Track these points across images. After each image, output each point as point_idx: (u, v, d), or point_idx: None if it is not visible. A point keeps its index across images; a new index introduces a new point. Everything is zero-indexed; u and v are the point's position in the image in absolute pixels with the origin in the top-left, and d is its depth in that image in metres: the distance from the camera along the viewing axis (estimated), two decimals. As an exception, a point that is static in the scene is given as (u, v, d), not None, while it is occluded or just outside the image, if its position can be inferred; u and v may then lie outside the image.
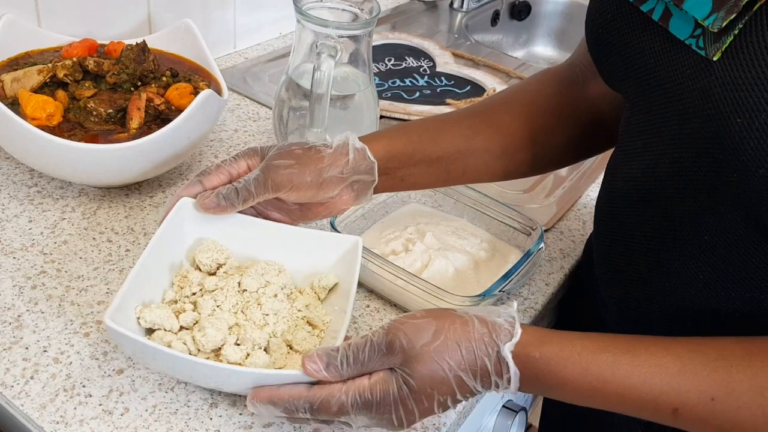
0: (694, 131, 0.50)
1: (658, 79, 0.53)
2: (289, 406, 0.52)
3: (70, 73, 0.76)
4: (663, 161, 0.55)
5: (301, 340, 0.59)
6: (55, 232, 0.73)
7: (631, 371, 0.49)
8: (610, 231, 0.64)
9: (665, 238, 0.57)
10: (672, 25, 0.50)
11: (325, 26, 0.76)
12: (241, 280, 0.62)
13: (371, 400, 0.51)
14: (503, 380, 0.51)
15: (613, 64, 0.59)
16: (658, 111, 0.54)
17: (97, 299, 0.66)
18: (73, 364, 0.60)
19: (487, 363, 0.50)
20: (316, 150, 0.64)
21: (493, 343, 0.51)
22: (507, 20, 1.57)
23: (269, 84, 1.05)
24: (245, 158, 0.65)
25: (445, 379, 0.50)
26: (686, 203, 0.54)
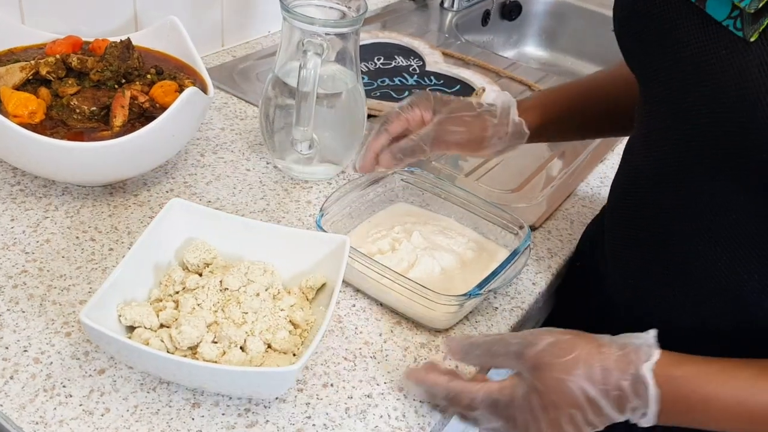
0: (727, 110, 0.50)
1: (693, 59, 0.53)
2: (430, 391, 0.58)
3: (53, 71, 0.76)
4: (694, 139, 0.54)
5: (280, 339, 0.59)
6: (37, 231, 0.72)
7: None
8: (631, 213, 0.64)
9: (691, 219, 0.57)
10: (709, 7, 0.51)
11: (312, 24, 0.75)
12: (223, 279, 0.61)
13: (498, 401, 0.54)
14: (642, 401, 0.50)
15: (643, 44, 0.59)
16: (690, 90, 0.54)
17: (79, 298, 0.65)
18: (53, 363, 0.59)
19: (623, 383, 0.50)
20: (482, 119, 0.73)
21: (630, 364, 0.51)
22: (497, 20, 1.56)
23: (257, 82, 1.05)
24: (419, 107, 0.73)
25: (574, 394, 0.51)
26: (715, 182, 0.54)
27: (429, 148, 0.71)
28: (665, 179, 0.59)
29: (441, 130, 0.71)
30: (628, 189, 0.66)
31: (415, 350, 0.66)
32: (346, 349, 0.65)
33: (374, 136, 0.73)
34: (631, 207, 0.65)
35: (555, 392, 0.51)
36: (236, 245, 0.66)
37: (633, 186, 0.64)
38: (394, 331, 0.68)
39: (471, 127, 0.72)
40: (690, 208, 0.57)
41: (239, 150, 0.90)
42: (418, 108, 0.73)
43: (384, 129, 0.72)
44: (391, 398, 0.61)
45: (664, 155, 0.58)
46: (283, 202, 0.82)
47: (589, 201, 0.92)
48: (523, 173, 0.96)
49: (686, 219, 0.58)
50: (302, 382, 0.61)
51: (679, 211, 0.58)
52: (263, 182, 0.85)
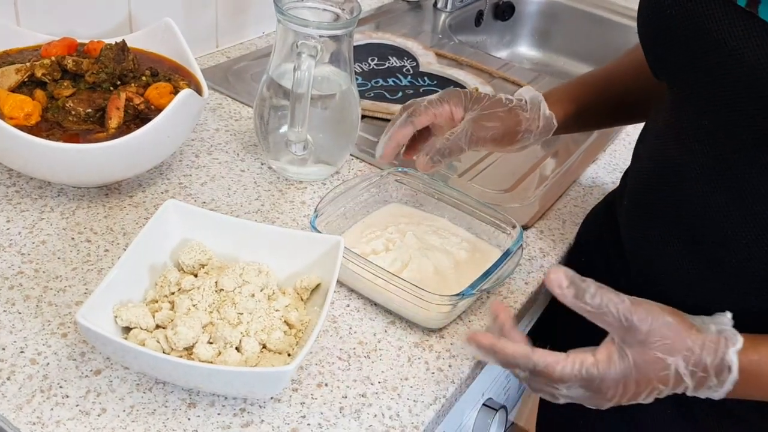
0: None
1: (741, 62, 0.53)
2: (510, 361, 0.56)
3: (49, 73, 0.76)
4: (737, 131, 0.56)
5: (275, 339, 0.59)
6: (33, 232, 0.72)
7: None
8: (658, 207, 0.65)
9: (729, 205, 0.59)
10: (762, 12, 0.52)
11: (306, 26, 0.76)
12: (218, 280, 0.62)
13: (596, 375, 0.53)
14: (719, 382, 0.54)
15: (672, 49, 0.60)
16: (735, 93, 0.55)
17: (75, 299, 0.66)
18: (50, 364, 0.60)
19: (708, 364, 0.53)
20: (515, 113, 0.74)
21: (719, 349, 0.54)
22: (491, 20, 1.57)
23: (251, 83, 1.05)
24: (449, 103, 0.74)
25: (669, 372, 0.53)
26: (753, 172, 0.56)
27: (467, 146, 0.72)
28: (706, 172, 0.60)
29: (476, 127, 0.72)
30: (653, 184, 0.66)
31: (409, 350, 0.67)
32: (340, 348, 0.66)
33: (399, 126, 0.73)
34: (659, 202, 0.66)
35: (653, 369, 0.54)
36: (231, 246, 0.67)
37: (661, 180, 0.65)
38: (388, 331, 0.69)
39: (505, 123, 0.73)
40: (730, 193, 0.59)
41: (234, 151, 0.90)
42: (448, 104, 0.74)
43: (410, 120, 0.73)
44: (385, 397, 0.62)
45: (704, 147, 0.60)
46: (278, 203, 0.82)
47: (581, 201, 0.93)
48: (516, 173, 0.97)
49: (723, 207, 0.59)
50: (297, 381, 0.62)
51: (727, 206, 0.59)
52: (258, 183, 0.85)
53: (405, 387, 0.63)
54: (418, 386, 0.63)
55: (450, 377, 0.65)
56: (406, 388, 0.63)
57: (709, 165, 0.59)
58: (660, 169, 0.65)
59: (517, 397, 0.95)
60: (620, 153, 1.06)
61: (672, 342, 0.54)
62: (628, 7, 1.61)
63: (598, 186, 0.97)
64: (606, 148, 1.06)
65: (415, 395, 0.63)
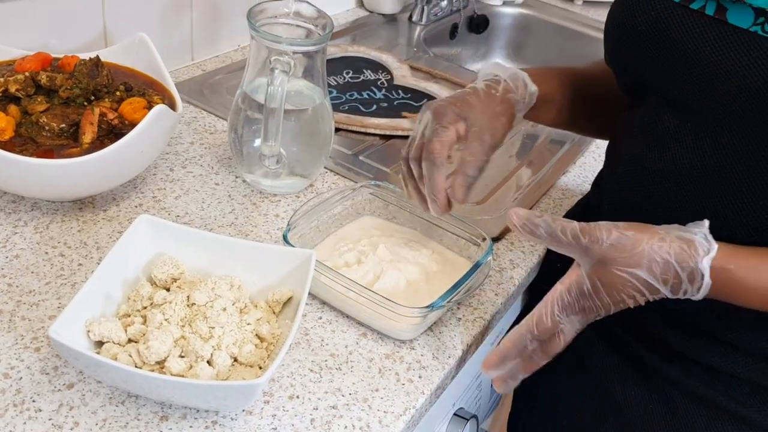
0: (762, 108, 0.55)
1: (717, 66, 0.57)
2: (519, 347, 0.61)
3: (23, 88, 0.76)
4: (728, 138, 0.59)
5: (247, 353, 0.60)
6: (6, 246, 0.73)
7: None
8: (640, 211, 0.67)
9: (715, 207, 0.62)
10: (730, 18, 0.56)
11: (279, 42, 0.77)
12: (190, 294, 0.63)
13: (571, 300, 0.59)
14: (694, 288, 0.57)
15: (648, 63, 0.63)
16: (715, 95, 0.58)
17: (48, 314, 0.66)
18: (23, 379, 0.60)
19: (681, 275, 0.56)
20: (507, 102, 0.73)
21: (690, 257, 0.56)
22: (465, 33, 1.59)
23: (227, 96, 1.06)
24: (452, 125, 0.70)
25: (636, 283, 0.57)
26: (752, 179, 0.59)
27: (488, 157, 0.72)
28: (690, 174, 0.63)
29: (486, 135, 0.71)
30: (635, 188, 0.69)
31: (380, 361, 0.68)
32: (312, 361, 0.67)
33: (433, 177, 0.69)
34: (641, 206, 0.68)
35: (619, 283, 0.57)
36: (204, 260, 0.68)
37: (642, 184, 0.68)
38: (359, 343, 0.70)
39: (506, 115, 0.74)
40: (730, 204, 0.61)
41: (208, 164, 0.91)
42: (451, 129, 0.70)
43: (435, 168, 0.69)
44: (356, 409, 0.63)
45: (686, 151, 0.62)
46: (252, 216, 0.83)
47: (551, 213, 0.95)
48: (488, 185, 0.99)
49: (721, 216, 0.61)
50: (268, 394, 0.63)
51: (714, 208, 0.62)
52: (232, 196, 0.86)
53: (376, 398, 0.64)
54: (388, 397, 0.65)
55: (420, 388, 0.66)
56: (376, 399, 0.64)
57: (694, 167, 0.62)
58: (640, 173, 0.68)
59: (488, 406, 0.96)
60: (590, 165, 1.08)
61: (630, 255, 0.56)
62: (599, 20, 1.64)
63: (569, 198, 0.99)
64: (576, 161, 1.08)
65: (385, 406, 0.64)
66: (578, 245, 0.58)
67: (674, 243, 0.56)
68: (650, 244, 0.56)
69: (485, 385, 0.90)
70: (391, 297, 0.67)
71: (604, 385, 0.76)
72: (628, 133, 0.70)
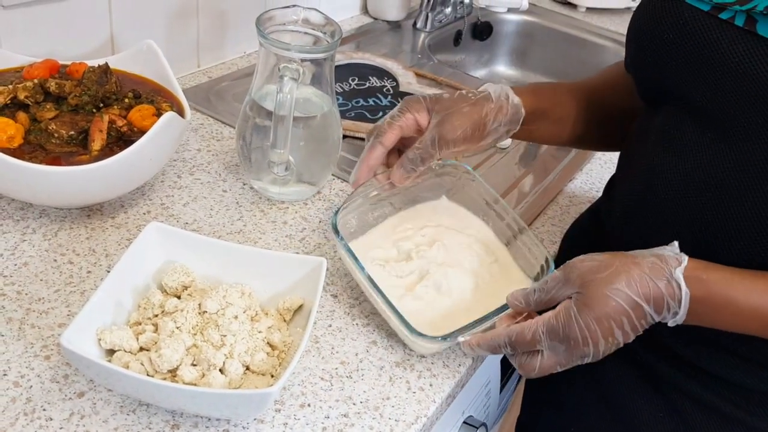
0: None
1: (745, 77, 0.58)
2: (492, 344, 0.62)
3: (32, 95, 0.76)
4: (751, 148, 0.59)
5: (259, 361, 0.60)
6: (15, 254, 0.72)
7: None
8: (655, 218, 0.67)
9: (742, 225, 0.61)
10: (760, 29, 0.56)
11: (288, 50, 0.77)
12: (201, 302, 0.63)
13: (557, 325, 0.58)
14: (675, 302, 0.57)
15: (672, 70, 0.64)
16: (740, 105, 0.59)
17: (58, 322, 0.66)
18: (33, 387, 0.60)
19: (660, 286, 0.57)
20: (480, 105, 0.73)
21: (663, 269, 0.57)
22: (469, 40, 1.60)
23: (233, 103, 1.06)
24: (411, 111, 0.72)
25: (620, 302, 0.57)
26: (752, 180, 0.59)
27: (437, 151, 0.71)
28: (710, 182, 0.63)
29: (445, 130, 0.71)
30: (649, 196, 0.68)
31: (391, 369, 0.68)
32: (322, 369, 0.67)
33: (368, 150, 0.73)
34: (656, 212, 0.68)
35: (604, 303, 0.57)
36: (214, 268, 0.67)
37: (658, 191, 0.67)
38: (369, 351, 0.69)
39: (472, 117, 0.72)
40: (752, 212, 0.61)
41: (216, 171, 0.91)
42: (410, 112, 0.73)
43: (378, 142, 0.72)
44: (367, 417, 0.63)
45: (706, 158, 0.62)
46: (260, 223, 0.83)
47: (559, 220, 0.95)
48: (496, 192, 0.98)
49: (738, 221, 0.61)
50: (280, 402, 0.63)
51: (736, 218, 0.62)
52: (240, 203, 0.86)
53: (387, 406, 0.64)
54: (399, 405, 0.64)
55: (431, 396, 0.66)
56: (387, 407, 0.64)
57: (712, 176, 0.62)
58: (655, 180, 0.67)
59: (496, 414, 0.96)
60: (597, 171, 1.08)
61: (607, 273, 0.57)
62: (602, 27, 1.64)
63: (576, 205, 0.99)
64: (583, 167, 1.08)
65: (396, 414, 0.64)
66: (560, 280, 0.60)
67: (646, 260, 0.58)
68: (623, 263, 0.58)
69: (494, 393, 0.90)
70: (423, 310, 0.66)
71: (611, 393, 0.76)
72: (643, 139, 0.70)
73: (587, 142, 0.88)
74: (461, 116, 0.72)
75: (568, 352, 0.59)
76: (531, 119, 0.77)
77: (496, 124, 0.74)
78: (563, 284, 0.60)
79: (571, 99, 0.82)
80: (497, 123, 0.74)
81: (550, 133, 0.82)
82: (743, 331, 0.60)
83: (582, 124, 0.82)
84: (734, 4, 0.58)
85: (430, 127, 0.72)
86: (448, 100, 0.73)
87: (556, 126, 0.81)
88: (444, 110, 0.72)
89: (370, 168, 0.73)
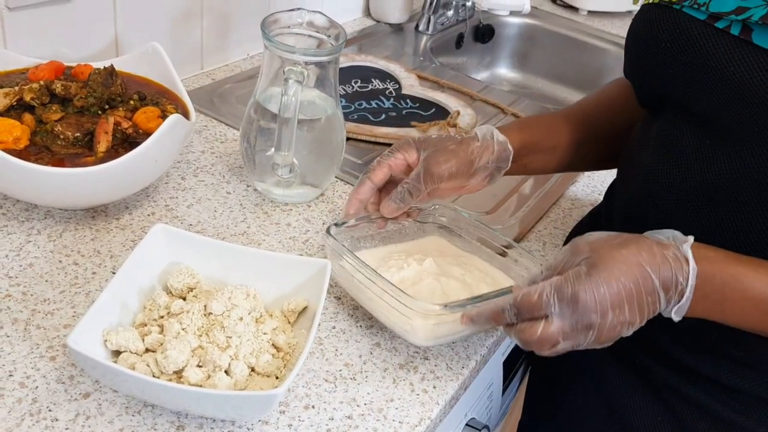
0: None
1: (741, 85, 0.58)
2: (495, 309, 0.60)
3: (38, 97, 0.77)
4: (748, 155, 0.60)
5: (264, 362, 0.60)
6: (20, 255, 0.73)
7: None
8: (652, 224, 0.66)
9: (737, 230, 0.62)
10: (755, 39, 0.57)
11: (292, 53, 0.77)
12: (207, 304, 0.63)
13: (565, 284, 0.56)
14: (682, 276, 0.56)
15: (669, 78, 0.64)
16: (736, 112, 0.59)
17: (63, 323, 0.66)
18: (39, 388, 0.60)
19: (668, 258, 0.57)
20: (467, 144, 0.74)
21: (671, 245, 0.58)
22: (471, 43, 1.60)
23: (237, 105, 1.06)
24: (401, 151, 0.75)
25: (630, 266, 0.56)
26: (766, 197, 0.59)
27: (423, 186, 0.72)
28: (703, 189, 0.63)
29: (430, 165, 0.72)
30: (645, 202, 0.69)
31: (394, 371, 0.68)
32: (326, 370, 0.67)
33: (357, 186, 0.75)
34: (653, 218, 0.68)
35: (614, 265, 0.56)
36: (219, 269, 0.68)
37: (655, 197, 0.68)
38: (373, 353, 0.70)
39: (457, 155, 0.74)
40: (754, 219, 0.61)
41: (219, 173, 0.91)
42: (400, 152, 0.75)
43: (366, 177, 0.75)
44: (371, 419, 0.63)
45: (703, 165, 0.63)
46: (264, 225, 0.84)
47: (561, 223, 0.95)
48: (497, 195, 0.99)
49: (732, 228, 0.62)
50: (284, 404, 0.63)
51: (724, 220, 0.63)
52: (244, 205, 0.86)
53: (390, 408, 0.64)
54: (403, 408, 0.65)
55: (434, 398, 0.66)
56: (391, 409, 0.64)
57: (709, 181, 0.63)
58: (654, 185, 0.68)
59: (499, 416, 0.96)
60: (599, 175, 1.08)
61: (618, 242, 0.58)
62: (603, 31, 1.65)
63: (578, 208, 0.99)
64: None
65: (400, 416, 0.64)
66: (568, 251, 0.60)
67: (654, 236, 0.59)
68: (633, 236, 0.59)
69: (496, 395, 0.90)
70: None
71: (611, 396, 0.76)
72: (643, 145, 0.71)
73: (583, 164, 0.88)
74: (447, 153, 0.73)
75: (574, 316, 0.56)
76: (522, 153, 0.78)
77: (483, 162, 0.75)
78: (571, 255, 0.59)
79: (563, 126, 0.82)
80: (484, 161, 0.75)
81: (545, 163, 0.83)
82: (751, 321, 0.59)
83: (576, 148, 0.83)
84: (730, 14, 0.58)
85: (419, 163, 0.74)
86: (435, 139, 0.75)
87: (548, 155, 0.82)
88: (431, 147, 0.74)
89: (360, 201, 0.75)
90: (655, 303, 0.57)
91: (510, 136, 0.77)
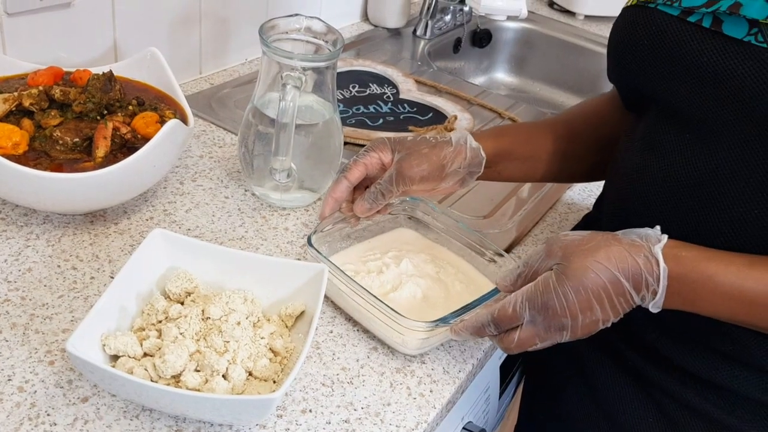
0: (761, 114, 0.57)
1: (715, 76, 0.59)
2: (476, 325, 0.64)
3: (36, 102, 0.77)
4: (724, 147, 0.60)
5: (261, 367, 0.61)
6: (19, 259, 0.73)
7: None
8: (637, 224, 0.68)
9: (719, 223, 0.62)
10: (725, 29, 0.58)
11: (290, 58, 0.78)
12: (204, 308, 0.63)
13: (535, 293, 0.60)
14: (653, 278, 0.58)
15: (649, 76, 0.65)
16: (712, 104, 0.60)
17: (62, 327, 0.66)
18: (37, 392, 0.60)
19: (638, 261, 0.58)
20: (439, 148, 0.76)
21: (643, 246, 0.59)
22: (468, 47, 1.61)
23: (235, 110, 1.07)
24: (376, 151, 0.77)
25: (599, 274, 0.58)
26: (750, 186, 0.60)
27: (395, 187, 0.75)
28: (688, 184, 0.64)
29: (403, 167, 0.75)
30: (632, 202, 0.70)
31: (391, 375, 0.68)
32: (324, 374, 0.67)
33: (333, 185, 0.77)
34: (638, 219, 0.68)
35: (582, 274, 0.58)
36: (217, 274, 0.68)
37: (642, 196, 0.68)
38: (370, 357, 0.70)
39: (430, 158, 0.76)
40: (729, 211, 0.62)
41: (218, 177, 0.92)
42: (375, 152, 0.77)
43: (342, 176, 0.77)
44: (368, 423, 0.63)
45: (686, 160, 0.64)
46: (262, 230, 0.84)
47: (558, 227, 0.96)
48: (494, 199, 0.99)
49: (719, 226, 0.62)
50: (282, 408, 0.63)
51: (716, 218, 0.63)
52: (242, 210, 0.87)
53: (387, 412, 0.65)
54: (400, 411, 0.65)
55: (431, 402, 0.67)
56: (388, 413, 0.65)
57: (689, 175, 0.63)
58: (638, 182, 0.69)
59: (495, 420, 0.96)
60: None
61: (587, 246, 0.59)
62: (600, 35, 1.65)
63: (574, 213, 1.00)
64: (581, 175, 1.08)
65: (397, 420, 0.64)
66: (542, 253, 0.62)
67: (627, 237, 0.60)
68: (605, 239, 0.60)
69: (493, 399, 0.90)
70: (404, 310, 0.67)
71: (604, 398, 0.77)
72: (629, 146, 0.71)
73: (567, 176, 0.88)
74: (420, 156, 0.75)
75: (545, 322, 0.60)
76: (495, 161, 0.80)
77: (455, 166, 0.76)
78: (545, 257, 0.62)
79: (544, 135, 0.83)
80: (456, 165, 0.77)
81: (521, 172, 0.84)
82: (723, 315, 0.60)
83: (559, 158, 0.84)
84: (701, 7, 0.60)
85: (392, 164, 0.76)
86: (410, 142, 0.77)
87: (525, 164, 0.83)
88: (405, 150, 0.76)
89: (336, 200, 0.77)
90: (629, 301, 0.59)
91: (484, 142, 0.79)
